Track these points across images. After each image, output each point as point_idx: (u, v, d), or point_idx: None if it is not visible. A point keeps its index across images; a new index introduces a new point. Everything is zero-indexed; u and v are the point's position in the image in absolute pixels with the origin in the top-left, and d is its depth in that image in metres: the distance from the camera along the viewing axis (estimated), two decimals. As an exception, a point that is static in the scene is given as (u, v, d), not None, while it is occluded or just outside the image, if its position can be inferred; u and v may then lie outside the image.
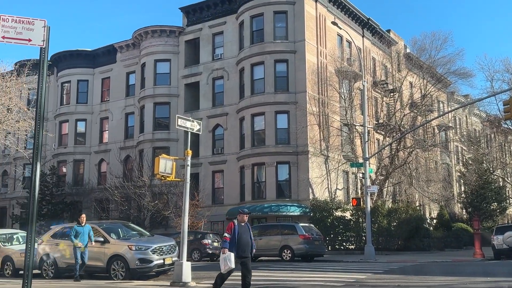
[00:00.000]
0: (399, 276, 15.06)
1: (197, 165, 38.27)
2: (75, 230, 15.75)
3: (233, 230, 10.95)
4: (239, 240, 10.94)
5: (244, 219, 11.30)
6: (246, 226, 11.34)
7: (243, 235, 11.06)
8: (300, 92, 35.40)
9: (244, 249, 11.03)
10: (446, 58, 37.73)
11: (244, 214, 11.37)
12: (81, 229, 15.86)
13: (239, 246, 10.92)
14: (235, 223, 11.09)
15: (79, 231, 15.79)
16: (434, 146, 41.29)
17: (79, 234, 15.74)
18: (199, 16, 41.23)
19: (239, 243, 10.94)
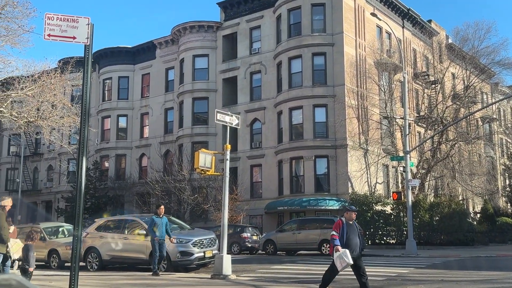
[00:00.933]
0: (443, 271, 14.76)
1: (236, 159, 38.46)
2: (153, 221, 15.13)
3: (342, 229, 9.95)
4: (347, 240, 9.95)
5: (352, 217, 10.19)
6: (354, 225, 10.30)
7: (351, 235, 10.03)
8: (338, 85, 35.04)
9: (353, 250, 9.97)
10: (490, 48, 36.60)
11: (352, 211, 10.25)
12: (159, 220, 15.24)
13: (348, 247, 9.87)
14: (343, 221, 10.05)
15: (157, 223, 15.16)
16: (477, 139, 40.15)
17: (157, 225, 15.12)
18: (236, 11, 41.33)
19: (347, 243, 9.92)
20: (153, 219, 15.26)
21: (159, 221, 15.21)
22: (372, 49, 37.15)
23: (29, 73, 21.37)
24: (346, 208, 10.60)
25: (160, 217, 15.34)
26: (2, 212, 10.31)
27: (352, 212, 10.31)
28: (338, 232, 10.06)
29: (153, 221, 15.12)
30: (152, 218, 15.30)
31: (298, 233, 25.49)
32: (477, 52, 36.74)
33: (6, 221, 10.42)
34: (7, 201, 10.50)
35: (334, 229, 10.21)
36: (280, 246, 25.94)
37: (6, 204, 10.44)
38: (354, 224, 10.37)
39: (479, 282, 11.99)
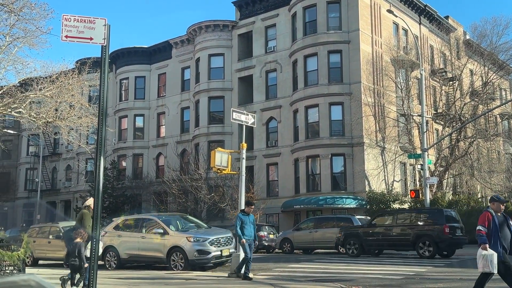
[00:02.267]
0: (461, 269, 14.60)
1: (252, 158, 38.49)
2: (240, 220, 13.28)
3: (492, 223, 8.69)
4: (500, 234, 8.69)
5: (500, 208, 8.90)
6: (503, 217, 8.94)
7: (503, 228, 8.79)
8: (355, 83, 34.84)
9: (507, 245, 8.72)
10: (509, 44, 36.11)
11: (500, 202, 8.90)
12: (247, 219, 13.39)
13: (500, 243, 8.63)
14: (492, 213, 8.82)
15: (245, 221, 13.32)
16: (496, 136, 39.62)
17: (245, 224, 13.28)
18: (251, 10, 41.33)
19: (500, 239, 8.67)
20: (239, 217, 13.36)
21: (247, 219, 13.37)
22: (389, 46, 36.86)
23: (47, 74, 21.64)
24: (494, 198, 9.20)
25: (248, 215, 13.53)
26: (88, 211, 11.09)
27: (500, 203, 8.93)
28: (486, 227, 8.68)
29: (240, 220, 13.25)
30: (238, 216, 13.44)
31: (315, 232, 25.41)
32: (495, 48, 36.24)
33: None
34: (90, 201, 11.25)
35: (481, 222, 8.77)
36: (297, 245, 25.90)
37: (90, 204, 11.16)
38: (503, 215, 8.99)
39: (498, 281, 11.77)
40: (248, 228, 13.20)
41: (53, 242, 20.83)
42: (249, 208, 13.66)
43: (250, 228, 13.31)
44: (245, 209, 13.70)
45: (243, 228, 13.13)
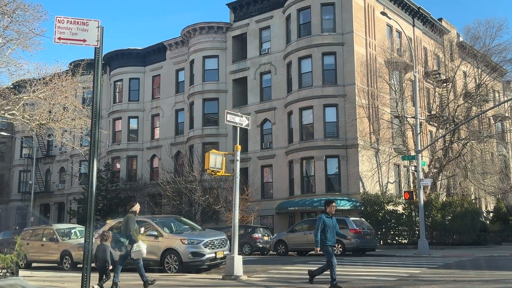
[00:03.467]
0: (455, 271, 14.66)
1: (246, 159, 38.49)
2: (323, 222, 11.60)
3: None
4: None
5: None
6: None
7: None
8: (349, 85, 34.92)
9: None
10: (502, 46, 36.19)
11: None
12: (330, 221, 11.74)
13: None
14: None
15: (328, 224, 11.66)
16: (490, 137, 39.79)
17: (328, 228, 11.65)
18: (246, 12, 41.36)
19: None
20: (322, 219, 11.59)
21: (330, 222, 11.72)
22: (383, 48, 36.98)
23: (40, 75, 21.57)
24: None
25: (331, 216, 11.86)
26: (132, 215, 12.08)
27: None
28: None
29: (323, 223, 11.57)
30: (321, 218, 11.64)
31: (309, 234, 25.24)
32: (488, 50, 36.40)
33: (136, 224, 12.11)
34: (136, 206, 12.38)
35: None
36: (291, 247, 25.91)
37: (136, 209, 12.30)
38: None
39: (492, 282, 11.88)
40: (331, 232, 11.58)
41: (46, 244, 20.74)
42: (330, 207, 11.84)
43: (333, 232, 11.69)
44: (326, 209, 11.87)
45: (325, 232, 11.46)
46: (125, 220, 12.11)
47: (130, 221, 11.92)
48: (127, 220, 12.02)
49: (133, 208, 12.30)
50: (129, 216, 12.10)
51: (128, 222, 11.93)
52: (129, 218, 12.01)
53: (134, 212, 12.24)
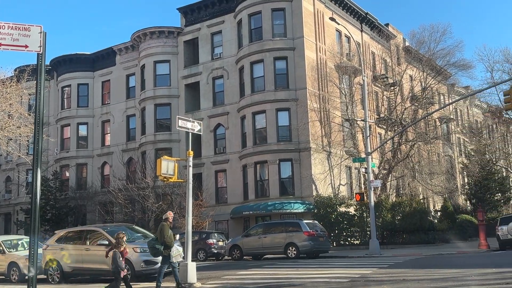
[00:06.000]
0: (405, 270, 15.05)
1: (200, 165, 38.28)
2: None
3: None
4: None
5: None
6: None
7: None
8: (301, 89, 35.36)
9: None
10: (446, 50, 37.67)
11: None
12: None
13: None
14: None
15: None
16: (436, 139, 41.19)
17: None
18: (197, 16, 41.21)
19: None
20: None
21: None
22: (332, 53, 37.67)
23: (-18, 82, 20.70)
24: None
25: None
26: (166, 223, 13.37)
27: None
28: None
29: None
30: None
31: (264, 237, 25.51)
32: (433, 54, 37.74)
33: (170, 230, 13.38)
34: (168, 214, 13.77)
35: None
36: (246, 251, 25.90)
37: (168, 217, 13.62)
38: None
39: (440, 281, 12.28)
40: None
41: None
42: None
43: None
44: None
45: None
46: (160, 228, 13.32)
47: (164, 229, 13.15)
48: (161, 228, 13.25)
49: (165, 216, 13.67)
50: (163, 224, 13.35)
51: (163, 229, 13.16)
52: (163, 226, 13.25)
53: (167, 219, 13.50)
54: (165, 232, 13.03)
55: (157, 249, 13.12)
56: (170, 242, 13.03)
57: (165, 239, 13.00)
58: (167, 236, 13.00)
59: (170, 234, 13.16)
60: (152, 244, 13.35)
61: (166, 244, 12.98)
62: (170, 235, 13.14)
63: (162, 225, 13.32)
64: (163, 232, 13.08)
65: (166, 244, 12.98)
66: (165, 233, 13.02)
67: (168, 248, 13.01)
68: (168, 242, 12.98)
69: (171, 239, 13.11)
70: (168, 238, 13.01)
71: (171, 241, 13.07)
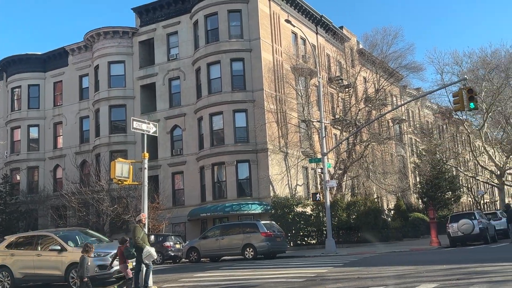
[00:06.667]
0: (359, 268, 15.35)
1: (156, 167, 37.85)
2: None
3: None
4: None
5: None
6: None
7: None
8: (257, 90, 35.51)
9: None
10: (397, 53, 38.69)
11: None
12: None
13: None
14: None
15: None
16: (389, 139, 42.23)
17: None
18: (152, 16, 40.73)
19: None
20: None
21: None
22: (289, 55, 38.03)
23: None
24: None
25: None
26: (138, 225, 13.44)
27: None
28: None
29: None
30: None
31: (221, 239, 25.49)
32: (385, 56, 38.70)
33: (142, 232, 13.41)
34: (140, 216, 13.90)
35: None
36: (203, 253, 25.81)
37: (141, 218, 13.73)
38: None
39: (392, 278, 12.57)
40: None
41: None
42: None
43: None
44: None
45: None
46: (132, 230, 13.47)
47: (136, 231, 13.23)
48: (133, 230, 13.38)
49: (138, 218, 13.87)
50: (135, 226, 13.46)
51: (135, 231, 13.25)
52: (135, 228, 13.35)
53: (140, 221, 13.62)
54: (136, 234, 13.11)
55: (129, 251, 13.33)
56: (141, 244, 13.05)
57: (136, 241, 13.07)
58: (138, 238, 13.06)
59: (142, 236, 13.19)
60: (128, 250, 13.52)
61: (137, 246, 13.07)
62: (142, 237, 13.18)
63: (134, 227, 13.43)
64: (134, 234, 13.18)
65: (137, 246, 13.08)
66: (137, 235, 13.09)
67: (139, 250, 13.05)
68: (139, 243, 13.02)
69: (143, 241, 13.12)
70: (140, 240, 13.05)
71: (142, 243, 13.08)
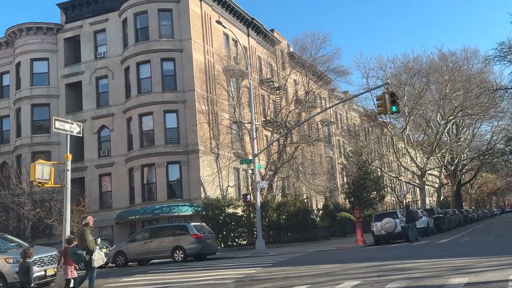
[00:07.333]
0: (287, 268, 15.57)
1: (82, 168, 36.62)
2: None
3: None
4: None
5: None
6: None
7: None
8: (189, 91, 35.21)
9: None
10: (326, 57, 39.76)
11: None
12: None
13: None
14: None
15: None
16: (318, 141, 43.25)
17: None
18: (78, 13, 39.33)
19: None
20: None
21: None
22: (220, 56, 38.01)
23: None
24: None
25: None
26: (86, 228, 13.03)
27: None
28: None
29: None
30: None
31: (150, 242, 25.01)
32: (314, 60, 39.65)
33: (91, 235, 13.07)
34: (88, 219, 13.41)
35: None
36: (131, 257, 25.20)
37: (89, 221, 13.31)
38: None
39: (319, 276, 12.84)
40: None
41: None
42: None
43: None
44: None
45: None
46: (80, 233, 12.95)
47: (85, 234, 12.82)
48: (82, 233, 12.88)
49: (85, 221, 13.31)
50: (84, 229, 12.98)
51: (84, 234, 12.82)
52: (84, 231, 12.90)
53: (87, 224, 13.17)
54: (86, 237, 12.84)
55: (79, 255, 12.86)
56: (92, 247, 12.85)
57: (87, 244, 12.82)
58: (89, 241, 12.83)
59: (92, 239, 13.02)
60: (73, 250, 13.05)
61: (89, 249, 12.81)
62: (92, 239, 13.00)
63: (83, 230, 13.07)
64: (84, 237, 12.87)
65: (88, 249, 12.80)
66: (87, 238, 12.83)
67: (90, 253, 12.83)
68: (90, 247, 12.81)
69: (93, 244, 12.95)
70: (91, 242, 12.85)
71: (93, 246, 12.91)
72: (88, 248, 12.79)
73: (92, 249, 12.84)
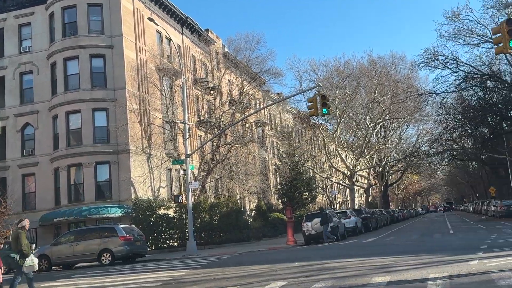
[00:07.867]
0: (217, 269, 15.42)
1: (4, 168, 34.83)
2: None
3: None
4: None
5: None
6: None
7: None
8: (119, 89, 34.23)
9: None
10: (260, 58, 40.01)
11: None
12: None
13: None
14: None
15: None
16: (252, 141, 43.47)
17: None
18: (2, 5, 37.37)
19: None
20: None
21: None
22: (153, 54, 37.26)
23: None
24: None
25: None
26: (22, 231, 12.51)
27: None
28: None
29: None
30: None
31: (76, 245, 24.01)
32: (249, 61, 39.77)
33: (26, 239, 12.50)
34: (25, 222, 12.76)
35: None
36: (55, 261, 24.10)
37: (25, 224, 12.73)
38: None
39: (248, 277, 12.80)
40: None
41: None
42: None
43: None
44: None
45: None
46: (16, 236, 12.46)
47: (21, 237, 12.34)
48: (18, 236, 12.39)
49: (22, 224, 12.73)
50: (19, 232, 12.51)
51: (19, 237, 12.34)
52: (20, 234, 12.43)
53: (23, 227, 12.68)
54: (22, 241, 12.32)
55: (12, 258, 12.51)
56: (27, 251, 12.34)
57: (22, 248, 12.28)
58: (24, 245, 12.32)
59: (27, 243, 12.54)
60: (6, 254, 12.74)
61: (23, 253, 12.29)
62: (27, 243, 12.52)
63: (18, 233, 12.54)
64: (20, 240, 12.34)
65: (23, 253, 12.29)
66: (22, 241, 12.31)
67: (24, 257, 12.32)
68: (25, 251, 12.29)
69: (28, 248, 12.45)
70: (26, 246, 12.35)
71: (28, 250, 12.40)
72: (23, 252, 12.33)
73: (26, 254, 12.38)
